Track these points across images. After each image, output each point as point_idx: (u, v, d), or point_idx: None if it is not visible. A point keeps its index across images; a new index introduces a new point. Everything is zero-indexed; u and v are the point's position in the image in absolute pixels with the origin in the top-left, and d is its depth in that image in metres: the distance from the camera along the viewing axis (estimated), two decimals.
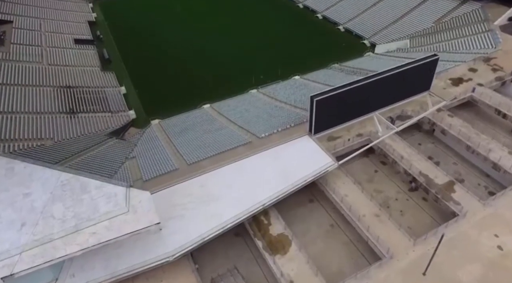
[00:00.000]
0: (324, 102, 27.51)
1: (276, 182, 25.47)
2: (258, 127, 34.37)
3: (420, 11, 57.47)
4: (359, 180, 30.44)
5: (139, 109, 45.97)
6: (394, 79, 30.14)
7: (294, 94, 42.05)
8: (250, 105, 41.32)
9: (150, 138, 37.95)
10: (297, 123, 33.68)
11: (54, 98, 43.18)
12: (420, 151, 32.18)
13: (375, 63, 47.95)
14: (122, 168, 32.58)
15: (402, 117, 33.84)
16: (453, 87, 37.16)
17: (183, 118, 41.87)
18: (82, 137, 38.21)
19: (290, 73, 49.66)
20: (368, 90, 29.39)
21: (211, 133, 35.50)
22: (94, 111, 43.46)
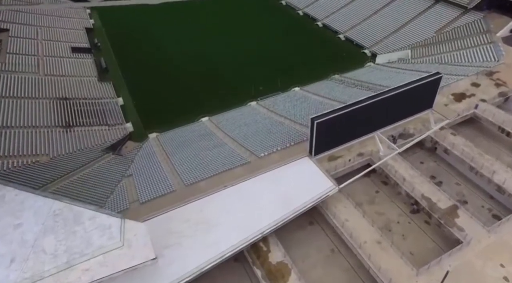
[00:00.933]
0: (324, 124, 26.86)
1: (275, 208, 24.84)
2: (257, 145, 33.73)
3: (421, 21, 56.88)
4: (360, 201, 29.87)
5: (136, 122, 45.27)
6: (397, 98, 29.49)
7: (294, 108, 41.42)
8: (250, 119, 40.66)
9: (147, 155, 37.27)
10: (297, 141, 33.06)
11: (50, 111, 42.48)
12: (423, 171, 31.64)
13: (376, 75, 47.35)
14: (118, 187, 31.94)
15: (404, 136, 33.22)
16: (456, 103, 36.54)
17: (181, 132, 41.21)
18: (78, 153, 37.52)
19: (290, 84, 49.06)
20: (370, 110, 28.73)
21: (209, 151, 34.84)
22: (90, 125, 42.79)
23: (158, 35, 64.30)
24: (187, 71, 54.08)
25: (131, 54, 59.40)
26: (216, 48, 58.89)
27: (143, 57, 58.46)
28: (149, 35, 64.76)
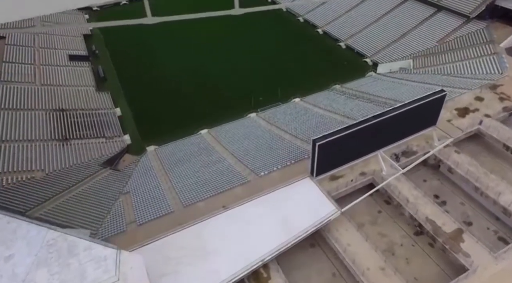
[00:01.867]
0: (326, 146, 26.15)
1: (276, 233, 24.16)
2: (257, 162, 33.07)
3: (423, 30, 56.19)
4: (362, 222, 29.22)
5: (134, 134, 44.58)
6: (401, 117, 28.78)
7: (294, 122, 40.75)
8: (249, 133, 39.99)
9: (145, 170, 36.58)
10: (298, 159, 32.41)
11: (47, 124, 41.75)
12: (426, 189, 31.00)
13: (378, 86, 46.69)
14: (115, 205, 31.27)
15: (407, 154, 32.55)
16: (459, 119, 35.88)
17: (180, 145, 40.53)
18: (74, 168, 36.80)
19: (290, 94, 48.40)
20: (373, 129, 28.02)
21: (208, 167, 34.16)
22: (87, 137, 42.07)
23: (157, 45, 63.31)
24: (186, 80, 53.37)
25: (129, 63, 58.65)
26: (215, 58, 58.08)
27: (142, 66, 57.75)
28: (148, 45, 63.77)
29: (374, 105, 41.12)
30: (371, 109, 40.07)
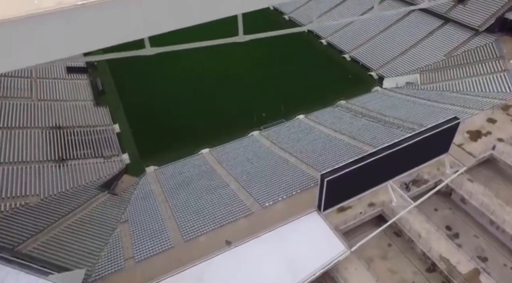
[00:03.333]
0: (335, 181, 24.80)
1: (282, 276, 22.80)
2: (261, 190, 31.69)
3: (429, 43, 54.74)
4: (371, 256, 27.88)
5: (133, 152, 43.25)
6: (412, 147, 27.42)
7: (299, 142, 39.36)
8: (252, 154, 38.61)
9: (145, 195, 35.23)
10: (303, 187, 31.04)
11: (42, 143, 40.41)
12: (437, 220, 29.69)
13: (384, 103, 45.26)
14: (113, 236, 29.92)
15: (418, 182, 31.18)
16: (471, 143, 34.48)
17: (181, 167, 39.18)
18: (71, 192, 35.45)
19: (294, 109, 46.98)
20: (383, 161, 26.65)
21: (210, 194, 32.78)
22: (85, 157, 40.71)
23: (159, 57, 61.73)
24: (187, 94, 51.96)
25: (129, 75, 57.15)
26: (216, 71, 56.49)
27: (142, 78, 56.29)
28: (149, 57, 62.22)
29: (381, 126, 39.74)
30: (378, 130, 38.81)
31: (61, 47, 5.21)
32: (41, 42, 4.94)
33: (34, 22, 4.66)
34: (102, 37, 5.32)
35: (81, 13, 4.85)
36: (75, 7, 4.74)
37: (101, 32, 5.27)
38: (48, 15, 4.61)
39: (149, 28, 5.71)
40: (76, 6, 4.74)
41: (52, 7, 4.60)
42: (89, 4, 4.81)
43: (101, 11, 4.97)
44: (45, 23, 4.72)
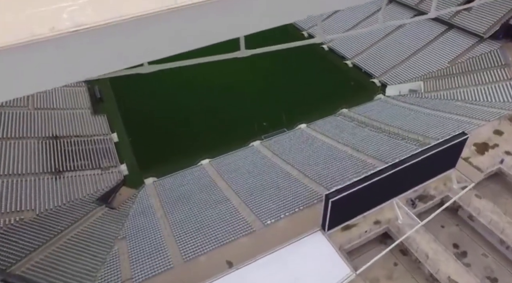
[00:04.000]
0: (340, 201, 23.94)
1: None
2: (262, 206, 30.83)
3: (433, 49, 53.88)
4: (377, 276, 27.00)
5: (131, 163, 42.37)
6: (419, 164, 26.57)
7: (301, 154, 38.48)
8: (253, 166, 37.73)
9: (143, 209, 34.36)
10: (306, 204, 30.17)
11: (39, 154, 39.50)
12: (444, 238, 28.85)
13: (388, 112, 44.39)
14: (111, 255, 29.05)
15: (425, 198, 30.32)
16: (478, 156, 33.63)
17: (180, 179, 38.31)
18: (67, 206, 34.56)
19: (295, 117, 46.15)
20: (389, 179, 25.80)
21: (210, 210, 31.90)
22: (82, 169, 39.81)
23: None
24: (186, 102, 51.07)
25: (127, 83, 55.95)
26: (217, 81, 55.36)
27: (140, 87, 55.17)
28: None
29: (385, 136, 38.89)
30: (382, 142, 37.96)
31: (58, 76, 5.01)
32: (37, 71, 4.73)
33: (28, 50, 4.43)
34: (99, 64, 5.11)
35: (76, 40, 4.60)
36: (69, 34, 4.48)
37: (97, 59, 5.04)
38: (42, 43, 4.38)
39: (149, 55, 5.44)
40: (71, 33, 4.48)
41: (46, 34, 4.37)
42: (84, 31, 4.53)
43: (97, 38, 4.74)
44: (39, 51, 4.50)
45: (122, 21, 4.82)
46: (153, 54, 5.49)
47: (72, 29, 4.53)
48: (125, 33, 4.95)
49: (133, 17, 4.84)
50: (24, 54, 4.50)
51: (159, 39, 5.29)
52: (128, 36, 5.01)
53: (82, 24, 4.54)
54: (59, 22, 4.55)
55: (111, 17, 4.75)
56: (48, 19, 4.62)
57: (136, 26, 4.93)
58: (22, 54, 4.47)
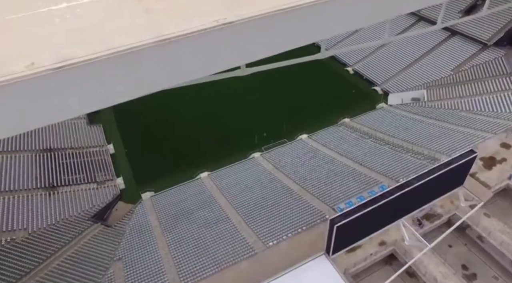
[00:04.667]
0: (345, 226, 22.87)
1: None
2: (264, 225, 29.76)
3: (436, 56, 52.85)
4: None
5: (128, 176, 41.17)
6: (427, 184, 25.52)
7: (302, 167, 37.40)
8: (254, 181, 36.64)
9: (140, 227, 33.22)
10: (309, 224, 29.09)
11: (32, 168, 38.29)
12: (452, 259, 27.87)
13: (391, 123, 43.30)
14: (106, 278, 27.90)
15: (431, 218, 29.31)
16: (486, 172, 32.64)
17: (178, 194, 37.17)
18: (61, 224, 33.37)
19: (296, 127, 45.03)
20: (396, 201, 24.75)
21: (209, 229, 30.78)
22: (77, 183, 38.62)
23: None
24: (184, 111, 49.88)
25: None
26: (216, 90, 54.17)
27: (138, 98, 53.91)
28: None
29: (389, 149, 37.84)
30: (386, 155, 36.94)
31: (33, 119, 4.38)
32: (7, 115, 4.18)
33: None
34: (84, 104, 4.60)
35: (61, 78, 4.03)
36: (50, 72, 3.91)
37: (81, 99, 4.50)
38: (17, 83, 3.85)
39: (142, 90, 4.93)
40: (51, 72, 3.92)
41: (21, 72, 3.83)
42: (68, 68, 4.00)
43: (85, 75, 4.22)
44: (11, 94, 3.96)
45: (115, 54, 4.20)
46: (148, 89, 5.02)
47: (57, 66, 3.90)
48: (119, 68, 4.35)
49: (127, 49, 4.20)
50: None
51: (155, 73, 4.77)
52: (121, 71, 4.43)
53: (68, 58, 3.96)
54: (40, 56, 3.96)
55: (103, 49, 4.12)
56: (25, 52, 4.05)
57: (130, 59, 4.32)
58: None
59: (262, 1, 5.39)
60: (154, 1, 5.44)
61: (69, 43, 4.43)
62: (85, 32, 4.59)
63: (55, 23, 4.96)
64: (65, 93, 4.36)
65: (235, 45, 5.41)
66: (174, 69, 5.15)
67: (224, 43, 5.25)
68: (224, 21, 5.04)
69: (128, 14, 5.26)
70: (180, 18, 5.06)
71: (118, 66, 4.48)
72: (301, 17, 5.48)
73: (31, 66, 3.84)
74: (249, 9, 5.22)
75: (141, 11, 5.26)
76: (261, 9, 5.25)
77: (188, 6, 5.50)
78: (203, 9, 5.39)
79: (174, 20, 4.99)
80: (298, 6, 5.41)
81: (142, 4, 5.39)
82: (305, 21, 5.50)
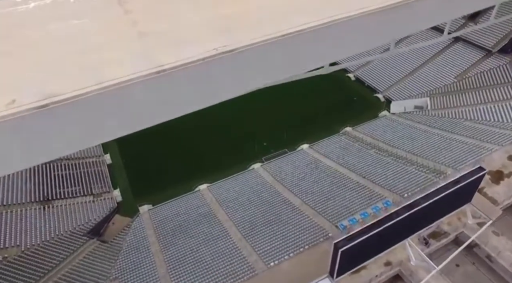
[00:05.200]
0: (350, 249, 21.94)
1: None
2: (265, 243, 28.82)
3: (439, 62, 51.93)
4: None
5: (125, 187, 40.23)
6: (434, 204, 24.59)
7: (304, 180, 36.45)
8: (254, 194, 35.67)
9: (138, 242, 32.29)
10: (312, 242, 28.14)
11: (26, 181, 37.29)
12: (460, 279, 26.87)
13: (395, 133, 42.34)
14: None
15: (438, 236, 28.36)
16: (493, 186, 31.72)
17: (177, 207, 36.23)
18: (56, 240, 32.39)
19: (297, 136, 44.17)
20: (403, 221, 23.82)
21: (208, 246, 29.84)
22: (73, 196, 37.66)
23: None
24: (183, 121, 48.61)
25: None
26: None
27: None
28: None
29: (393, 161, 36.89)
30: (390, 167, 36.05)
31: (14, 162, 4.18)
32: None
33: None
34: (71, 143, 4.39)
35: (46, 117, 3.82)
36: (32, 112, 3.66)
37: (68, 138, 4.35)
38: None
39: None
40: (33, 111, 3.67)
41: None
42: (53, 106, 3.75)
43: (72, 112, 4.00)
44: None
45: (106, 90, 3.93)
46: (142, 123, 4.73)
47: (40, 104, 3.62)
48: (110, 104, 4.12)
49: (119, 83, 3.96)
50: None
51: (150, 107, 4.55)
52: (113, 107, 4.18)
53: (54, 94, 3.71)
54: (22, 92, 3.70)
55: (92, 82, 3.90)
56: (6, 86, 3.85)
57: (123, 93, 4.08)
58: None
59: (259, 22, 5.22)
60: (147, 23, 5.27)
61: (55, 74, 4.05)
62: (73, 61, 4.22)
63: (40, 50, 4.64)
64: (49, 133, 3.96)
65: (236, 74, 5.13)
66: (171, 102, 4.87)
67: (224, 72, 4.92)
68: (223, 49, 4.64)
69: (120, 39, 4.94)
70: (176, 44, 4.78)
71: (109, 102, 4.08)
72: (315, 39, 5.41)
73: (11, 105, 3.49)
74: (248, 32, 4.96)
75: (135, 36, 4.95)
76: (264, 33, 4.96)
77: (183, 27, 5.21)
78: (199, 31, 5.10)
79: (170, 47, 4.66)
80: (311, 28, 5.22)
81: (135, 27, 5.14)
82: (315, 43, 5.43)
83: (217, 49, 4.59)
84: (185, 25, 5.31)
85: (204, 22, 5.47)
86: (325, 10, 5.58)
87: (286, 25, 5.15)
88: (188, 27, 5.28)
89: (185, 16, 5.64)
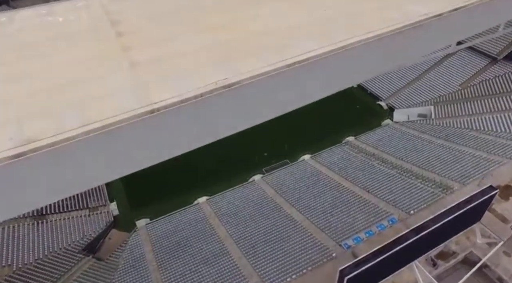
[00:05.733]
0: (356, 277, 20.92)
1: None
2: (266, 262, 27.77)
3: (443, 69, 50.92)
4: None
5: (122, 200, 39.13)
6: (442, 226, 23.58)
7: (306, 194, 35.40)
8: (255, 209, 34.63)
9: (135, 260, 31.23)
10: (315, 263, 27.07)
11: None
12: None
13: (399, 143, 41.31)
14: None
15: (446, 256, 27.35)
16: (502, 202, 30.70)
17: (175, 222, 35.15)
18: (49, 258, 31.29)
19: (299, 146, 43.14)
20: (410, 245, 22.81)
21: (208, 266, 28.78)
22: (68, 210, 36.54)
23: None
24: None
25: None
26: None
27: None
28: None
29: (397, 174, 35.85)
30: (394, 181, 35.04)
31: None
32: None
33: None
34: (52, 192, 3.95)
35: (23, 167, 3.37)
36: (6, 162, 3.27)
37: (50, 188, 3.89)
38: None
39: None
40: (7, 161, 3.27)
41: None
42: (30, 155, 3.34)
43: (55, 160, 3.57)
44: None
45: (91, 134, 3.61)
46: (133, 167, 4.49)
47: (16, 152, 3.25)
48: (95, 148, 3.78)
49: (106, 126, 3.67)
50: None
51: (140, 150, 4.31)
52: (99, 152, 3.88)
53: (32, 139, 3.38)
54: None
55: (75, 124, 3.60)
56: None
57: (110, 137, 3.77)
58: None
59: (259, 50, 4.73)
60: (140, 48, 4.82)
61: (34, 113, 3.67)
62: (56, 96, 3.84)
63: (18, 83, 4.20)
64: (27, 184, 3.58)
65: (239, 109, 4.69)
66: (165, 143, 4.46)
67: (225, 108, 4.44)
68: (223, 83, 4.20)
69: (110, 69, 4.48)
70: (171, 75, 4.31)
71: (95, 146, 3.70)
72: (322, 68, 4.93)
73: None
74: (251, 61, 4.40)
75: (126, 66, 4.49)
76: (268, 62, 4.44)
77: (180, 55, 4.68)
78: (197, 60, 4.61)
79: (164, 80, 4.21)
80: (318, 56, 4.75)
81: (127, 53, 4.67)
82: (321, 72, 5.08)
83: (216, 83, 4.15)
84: (182, 52, 4.80)
85: (203, 48, 5.02)
86: (331, 34, 5.16)
87: (290, 52, 4.78)
88: (185, 54, 4.76)
89: (183, 40, 5.21)
